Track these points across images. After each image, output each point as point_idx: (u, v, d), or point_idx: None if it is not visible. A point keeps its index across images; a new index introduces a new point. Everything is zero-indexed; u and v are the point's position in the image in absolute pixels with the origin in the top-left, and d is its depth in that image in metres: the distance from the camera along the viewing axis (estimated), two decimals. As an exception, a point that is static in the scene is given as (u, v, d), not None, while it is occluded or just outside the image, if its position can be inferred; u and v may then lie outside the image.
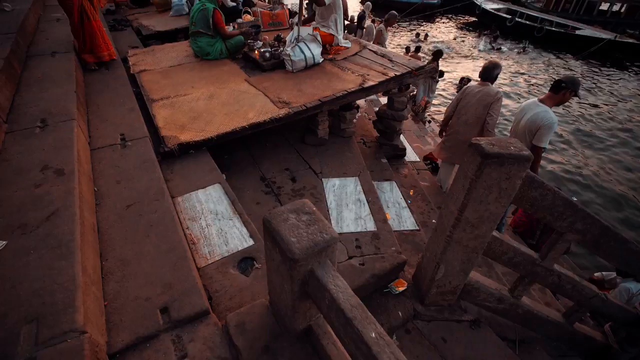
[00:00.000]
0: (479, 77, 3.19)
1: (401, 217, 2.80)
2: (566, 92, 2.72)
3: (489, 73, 3.09)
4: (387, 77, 3.21)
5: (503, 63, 12.41)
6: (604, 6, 16.06)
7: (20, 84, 2.43)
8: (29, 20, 3.48)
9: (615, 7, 15.86)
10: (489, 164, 1.36)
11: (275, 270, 1.09)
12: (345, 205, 2.53)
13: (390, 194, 3.03)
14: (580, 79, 10.75)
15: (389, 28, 6.31)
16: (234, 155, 2.96)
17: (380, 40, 6.20)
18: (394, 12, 6.36)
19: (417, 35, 14.42)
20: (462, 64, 12.10)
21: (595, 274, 3.49)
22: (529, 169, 1.44)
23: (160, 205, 1.76)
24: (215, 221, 1.94)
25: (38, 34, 3.55)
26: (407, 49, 9.41)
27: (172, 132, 2.50)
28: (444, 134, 3.63)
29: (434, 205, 3.29)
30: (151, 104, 2.88)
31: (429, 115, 6.95)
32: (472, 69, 11.42)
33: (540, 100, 2.84)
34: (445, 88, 9.91)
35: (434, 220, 2.99)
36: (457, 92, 9.10)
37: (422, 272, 2.01)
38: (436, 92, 8.48)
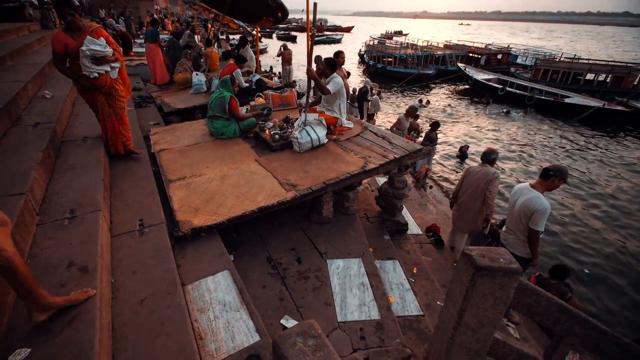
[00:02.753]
0: (481, 159, 3.88)
1: (405, 300, 2.82)
2: (555, 179, 2.90)
3: (487, 157, 3.78)
4: (388, 160, 3.46)
5: (509, 125, 13.04)
6: (590, 76, 17.28)
7: (53, 171, 2.68)
8: (66, 106, 3.91)
9: (601, 78, 17.04)
10: (481, 275, 1.47)
11: (282, 392, 1.15)
12: (349, 289, 2.58)
13: (394, 274, 3.08)
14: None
15: (408, 118, 7.17)
16: (242, 233, 3.09)
17: (400, 127, 6.98)
18: (414, 105, 7.34)
19: (420, 101, 15.65)
20: (462, 130, 12.72)
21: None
22: (520, 278, 1.54)
23: (172, 300, 1.85)
24: (223, 313, 2.00)
25: (72, 117, 3.96)
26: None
27: (186, 215, 2.67)
28: (455, 206, 4.12)
29: (438, 283, 3.31)
30: (168, 185, 3.10)
31: (430, 181, 7.20)
32: (471, 136, 11.95)
33: (532, 186, 3.02)
34: (447, 152, 10.33)
35: (438, 302, 2.99)
36: (458, 157, 9.52)
37: (427, 370, 1.99)
38: (435, 159, 8.89)
